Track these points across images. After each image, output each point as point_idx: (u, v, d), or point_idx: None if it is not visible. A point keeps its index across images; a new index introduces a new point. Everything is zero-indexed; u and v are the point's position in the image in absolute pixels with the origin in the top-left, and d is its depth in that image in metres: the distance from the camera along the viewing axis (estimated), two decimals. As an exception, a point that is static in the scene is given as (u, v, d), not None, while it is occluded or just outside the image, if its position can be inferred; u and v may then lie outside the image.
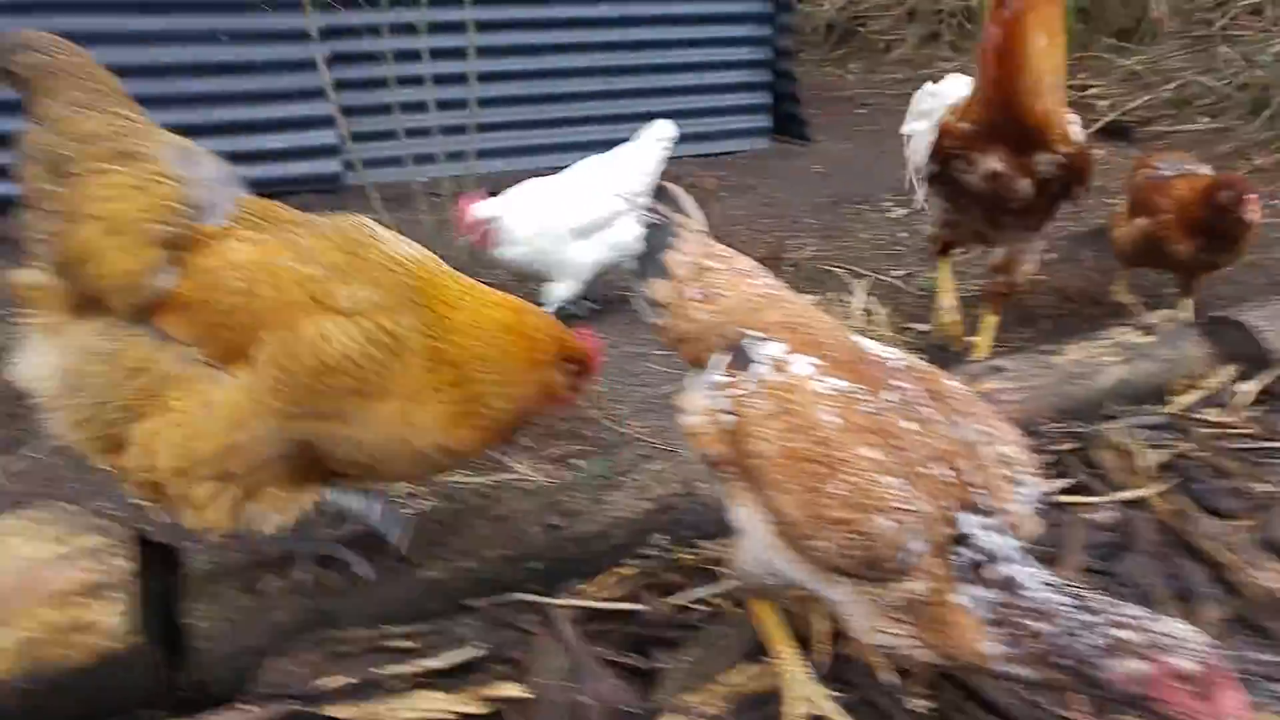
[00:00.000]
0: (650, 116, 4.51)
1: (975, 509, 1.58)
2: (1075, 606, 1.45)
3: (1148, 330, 3.58)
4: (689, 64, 7.29)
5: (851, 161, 7.17)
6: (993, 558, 1.53)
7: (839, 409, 1.65)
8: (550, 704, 1.96)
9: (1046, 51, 3.00)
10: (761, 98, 7.60)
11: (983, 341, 3.72)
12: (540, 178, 4.28)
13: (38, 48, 1.76)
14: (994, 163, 3.17)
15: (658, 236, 2.03)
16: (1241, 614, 2.27)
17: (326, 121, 5.23)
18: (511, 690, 1.99)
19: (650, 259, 2.01)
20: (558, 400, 2.10)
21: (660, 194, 2.09)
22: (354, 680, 1.99)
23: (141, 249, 1.77)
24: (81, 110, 1.77)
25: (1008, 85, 3.03)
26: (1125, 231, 4.21)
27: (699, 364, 1.91)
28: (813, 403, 1.66)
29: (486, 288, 2.06)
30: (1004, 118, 3.09)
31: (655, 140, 4.46)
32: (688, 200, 2.09)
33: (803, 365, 1.74)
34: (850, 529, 1.56)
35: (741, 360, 1.80)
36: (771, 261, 5.00)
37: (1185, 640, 1.39)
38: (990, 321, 3.72)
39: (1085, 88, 8.91)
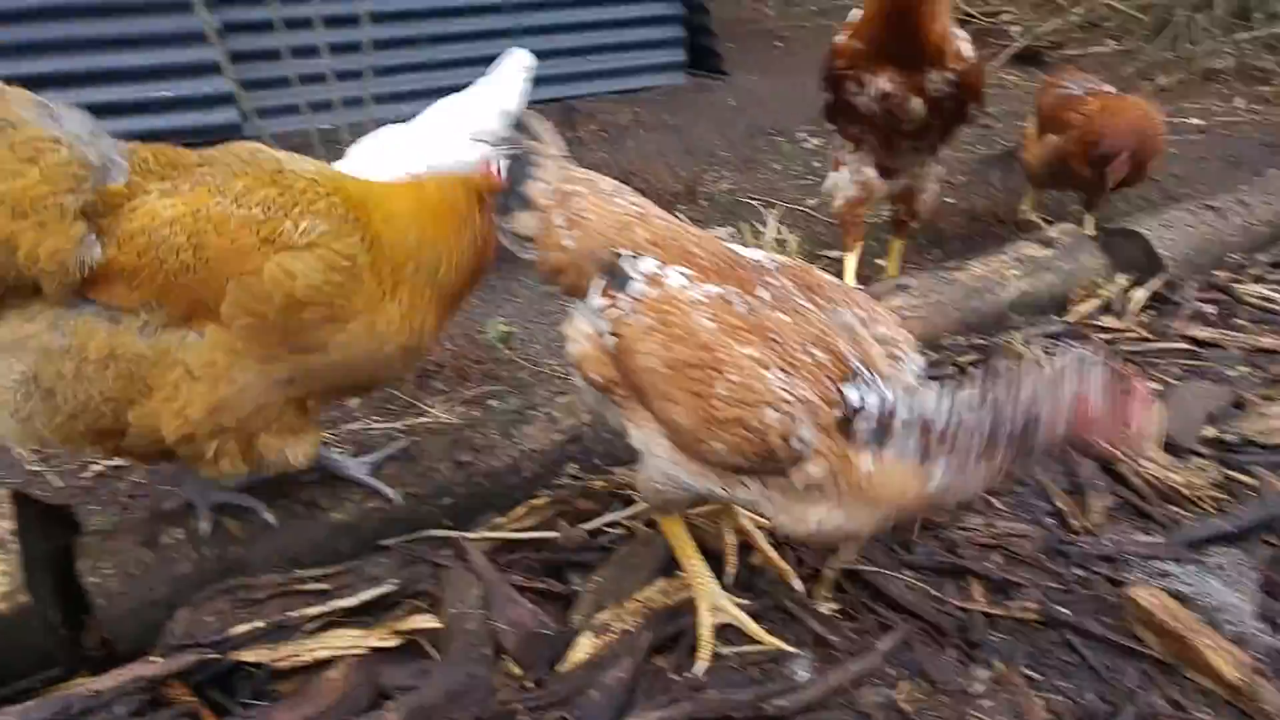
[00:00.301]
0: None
1: (858, 378, 1.63)
2: (980, 396, 1.55)
3: (1048, 244, 3.68)
4: (598, -3, 7.15)
5: (767, 95, 7.15)
6: (891, 411, 1.59)
7: (714, 313, 1.68)
8: (464, 632, 1.97)
9: (942, -32, 2.99)
10: (674, 31, 7.49)
11: (891, 266, 3.78)
12: (391, 125, 3.85)
13: None
14: (884, 83, 3.14)
15: (517, 168, 1.96)
16: (1129, 501, 2.38)
17: (212, 68, 5.01)
18: (425, 621, 2.00)
19: (512, 193, 1.95)
20: (494, 243, 2.10)
21: (517, 124, 2.03)
22: (265, 625, 1.98)
23: (59, 224, 1.64)
24: None
25: (903, 3, 2.99)
26: (1037, 150, 4.28)
27: (579, 293, 1.90)
28: (689, 311, 1.69)
29: (378, 181, 2.06)
30: (897, 36, 3.07)
31: (514, 72, 4.05)
32: (544, 126, 2.04)
33: (676, 277, 1.75)
34: (741, 426, 1.60)
35: (618, 280, 1.80)
36: (687, 195, 5.01)
37: (1083, 361, 1.52)
38: (896, 246, 3.75)
39: (999, 13, 8.99)
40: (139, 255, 1.70)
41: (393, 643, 1.95)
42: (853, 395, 1.61)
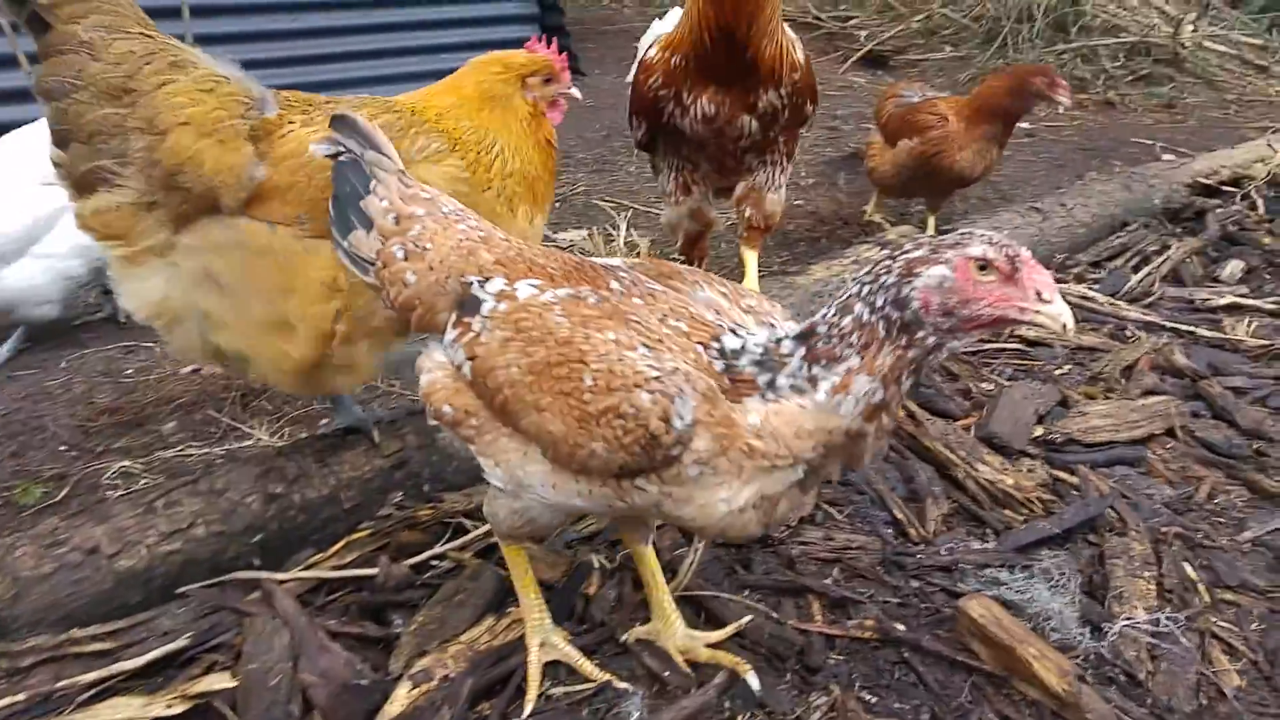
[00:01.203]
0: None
1: (730, 333, 1.54)
2: (865, 279, 1.42)
3: (883, 245, 3.73)
4: (452, -6, 6.92)
5: (624, 95, 7.09)
6: (777, 342, 1.48)
7: (567, 310, 1.56)
8: (266, 690, 1.77)
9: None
10: (528, 30, 7.34)
11: (748, 278, 3.65)
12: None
13: None
14: (708, 104, 2.80)
15: (350, 178, 1.77)
16: (964, 507, 2.40)
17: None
18: (222, 681, 1.80)
19: (346, 205, 1.76)
20: (553, 111, 2.35)
21: (340, 124, 1.82)
22: (27, 698, 1.73)
23: (234, 142, 1.91)
24: (114, 33, 1.85)
25: (732, 17, 2.60)
26: (889, 157, 4.32)
27: (436, 328, 1.71)
28: (542, 313, 1.57)
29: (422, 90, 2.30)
30: (724, 55, 2.68)
31: None
32: (374, 130, 1.83)
33: (525, 288, 1.63)
34: (617, 416, 1.47)
35: (470, 307, 1.64)
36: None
37: (968, 236, 1.38)
38: (749, 257, 3.34)
39: (848, 19, 9.25)
40: (291, 174, 1.94)
41: (181, 709, 1.73)
42: (730, 341, 1.51)
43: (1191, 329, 3.35)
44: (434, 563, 2.13)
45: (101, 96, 1.84)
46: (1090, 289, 3.70)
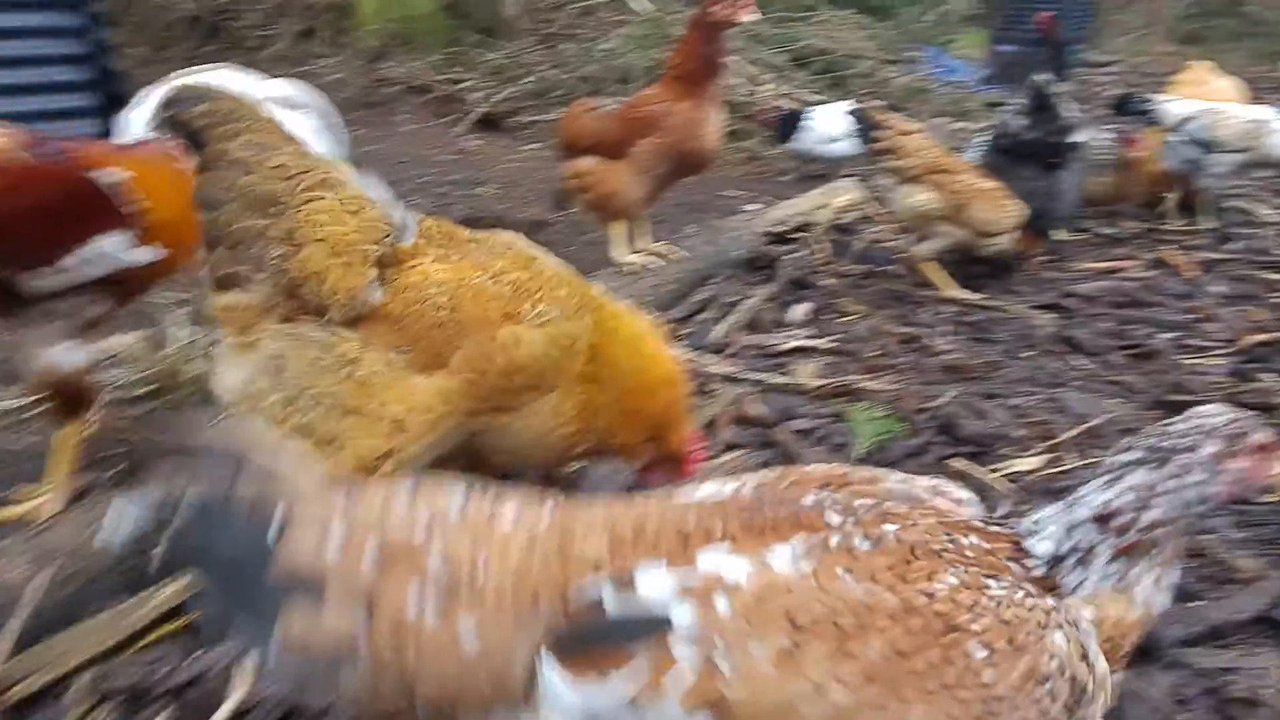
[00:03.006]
0: None
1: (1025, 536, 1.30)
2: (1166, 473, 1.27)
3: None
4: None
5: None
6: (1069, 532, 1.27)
7: (845, 566, 1.12)
8: None
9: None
10: (90, 99, 6.46)
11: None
12: None
13: (209, 98, 1.87)
14: None
15: (226, 533, 1.07)
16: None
17: None
18: None
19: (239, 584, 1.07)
20: (632, 458, 2.33)
21: (188, 451, 1.10)
22: None
23: (360, 266, 1.91)
24: (265, 149, 1.89)
25: None
26: (627, 169, 4.07)
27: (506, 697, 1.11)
28: (819, 586, 1.08)
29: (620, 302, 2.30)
30: None
31: None
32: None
33: (736, 565, 1.12)
34: (1037, 678, 1.07)
35: (612, 634, 1.09)
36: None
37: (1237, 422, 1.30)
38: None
39: (459, 82, 9.23)
40: (406, 306, 1.93)
41: None
42: (1040, 546, 1.26)
43: (763, 376, 3.52)
44: None
45: (251, 208, 1.87)
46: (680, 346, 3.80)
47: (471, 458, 2.12)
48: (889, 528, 1.14)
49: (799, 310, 4.25)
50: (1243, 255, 5.16)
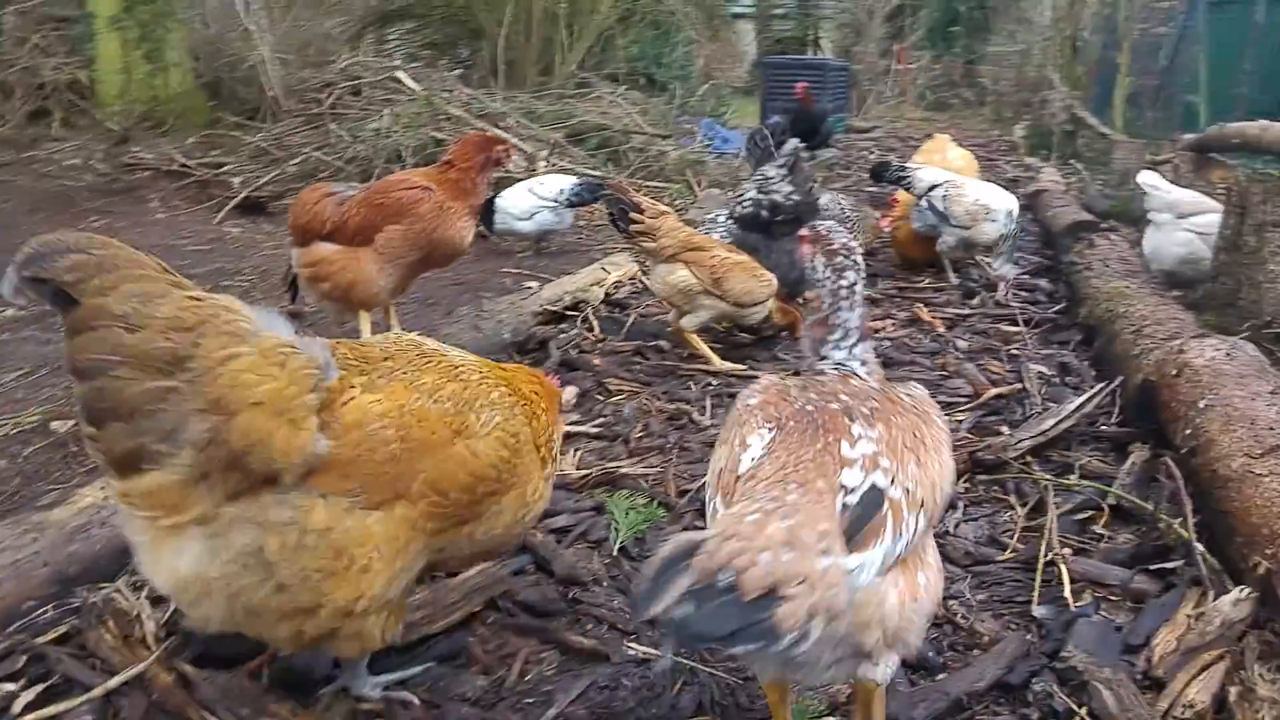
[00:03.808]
0: None
1: None
2: None
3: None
4: None
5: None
6: None
7: None
8: None
9: None
10: None
11: None
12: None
13: (76, 248, 1.62)
14: None
15: None
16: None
17: None
18: None
19: None
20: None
21: None
22: None
23: (304, 421, 1.78)
24: (149, 299, 1.66)
25: None
26: (371, 257, 3.87)
27: None
28: None
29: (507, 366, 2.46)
30: None
31: None
32: None
33: None
34: None
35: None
36: None
37: None
38: None
39: (219, 165, 8.69)
40: (354, 449, 1.84)
41: None
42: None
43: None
44: None
45: (144, 370, 1.64)
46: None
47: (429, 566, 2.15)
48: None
49: (567, 393, 4.11)
50: (983, 310, 5.54)
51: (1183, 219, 5.31)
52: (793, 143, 5.03)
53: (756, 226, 4.77)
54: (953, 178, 6.05)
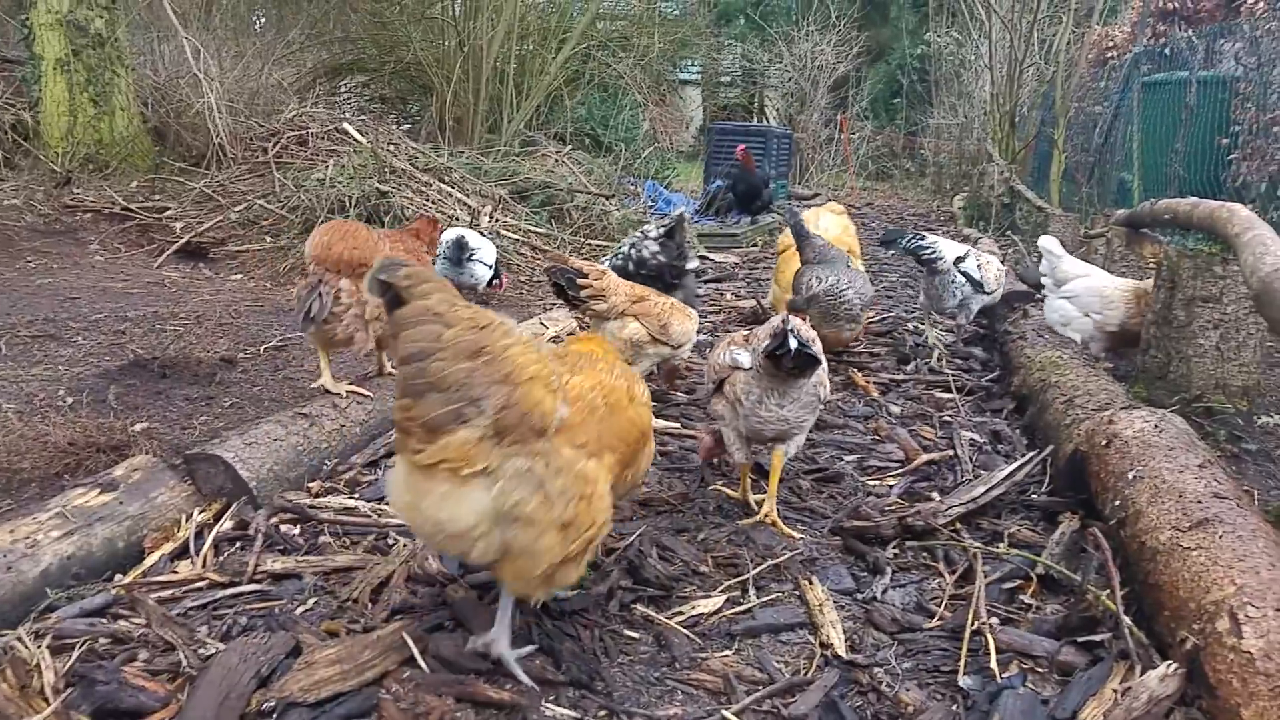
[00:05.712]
0: None
1: None
2: None
3: (110, 487, 3.07)
4: None
5: None
6: None
7: None
8: None
9: None
10: None
11: None
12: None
13: (402, 265, 2.09)
14: None
15: None
16: None
17: None
18: None
19: None
20: None
21: None
22: None
23: (558, 391, 2.33)
24: (454, 304, 2.13)
25: None
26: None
27: None
28: None
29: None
30: None
31: None
32: None
33: None
34: None
35: None
36: None
37: None
38: None
39: (162, 210, 8.52)
40: (580, 413, 2.39)
41: None
42: None
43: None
44: None
45: (458, 356, 2.10)
46: (351, 498, 3.45)
47: None
48: None
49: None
50: (917, 377, 5.59)
51: (1059, 286, 5.44)
52: (681, 209, 5.47)
53: (625, 275, 4.99)
54: (969, 247, 6.22)
